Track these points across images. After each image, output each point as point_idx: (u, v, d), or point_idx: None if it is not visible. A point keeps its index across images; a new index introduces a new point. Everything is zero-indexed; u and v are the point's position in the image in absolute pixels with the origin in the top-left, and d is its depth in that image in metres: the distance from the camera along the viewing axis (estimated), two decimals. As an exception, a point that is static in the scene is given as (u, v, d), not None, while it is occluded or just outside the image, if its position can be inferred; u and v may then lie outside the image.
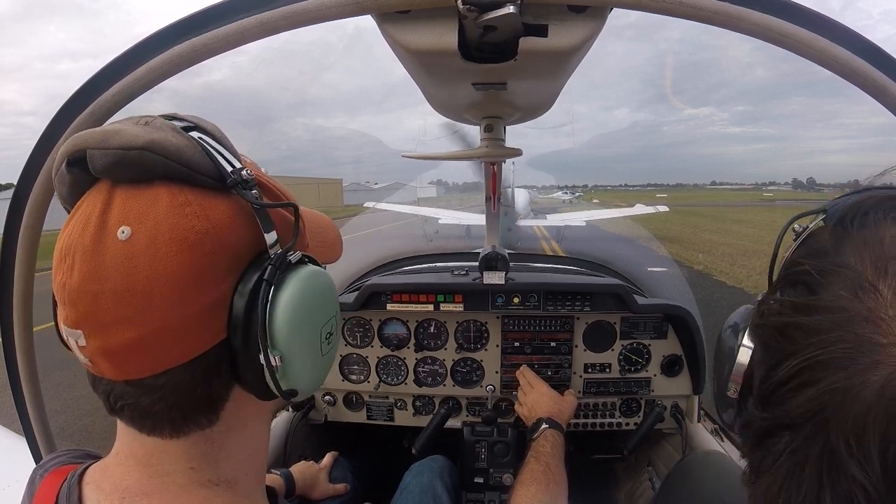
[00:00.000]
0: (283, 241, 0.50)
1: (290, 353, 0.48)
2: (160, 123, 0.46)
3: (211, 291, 0.45)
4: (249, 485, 0.56)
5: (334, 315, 0.55)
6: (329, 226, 0.69)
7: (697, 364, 1.66)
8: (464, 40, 0.54)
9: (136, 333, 0.42)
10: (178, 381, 0.46)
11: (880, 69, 0.48)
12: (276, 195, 0.53)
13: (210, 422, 0.50)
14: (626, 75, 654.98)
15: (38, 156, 0.64)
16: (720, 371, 0.54)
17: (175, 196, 0.43)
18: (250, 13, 0.52)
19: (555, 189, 59.11)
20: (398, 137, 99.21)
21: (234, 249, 0.46)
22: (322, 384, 0.59)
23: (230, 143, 0.51)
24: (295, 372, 0.49)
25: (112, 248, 0.42)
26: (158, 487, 0.50)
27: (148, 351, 0.44)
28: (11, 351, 0.80)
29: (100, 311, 0.42)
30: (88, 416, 4.38)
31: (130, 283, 0.42)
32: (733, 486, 1.18)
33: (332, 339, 0.55)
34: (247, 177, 0.46)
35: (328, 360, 0.55)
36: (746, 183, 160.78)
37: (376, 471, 1.72)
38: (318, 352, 0.52)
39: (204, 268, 0.44)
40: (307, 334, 0.50)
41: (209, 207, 0.45)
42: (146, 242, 0.42)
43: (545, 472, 1.17)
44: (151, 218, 0.42)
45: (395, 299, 1.67)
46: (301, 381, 0.50)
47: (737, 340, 0.50)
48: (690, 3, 0.48)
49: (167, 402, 0.46)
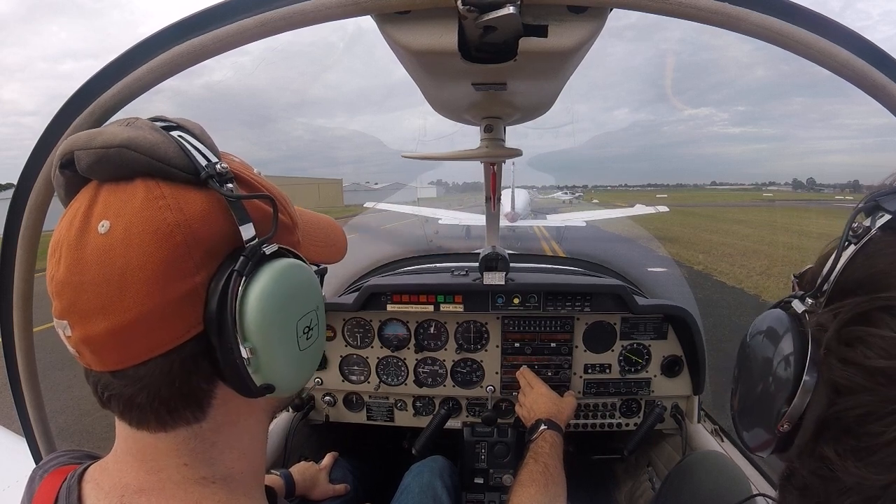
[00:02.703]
0: (265, 235, 0.50)
1: (263, 346, 0.47)
2: (141, 124, 0.47)
3: (183, 282, 0.45)
4: (247, 483, 0.56)
5: (314, 309, 0.54)
6: (330, 226, 0.69)
7: (697, 365, 1.65)
8: (464, 41, 0.54)
9: (113, 323, 0.44)
10: (157, 372, 0.46)
11: (880, 69, 0.48)
12: (258, 190, 0.52)
13: (197, 418, 0.50)
14: (626, 75, 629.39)
15: (37, 156, 0.64)
16: (760, 394, 0.50)
17: (151, 190, 0.45)
18: (250, 14, 0.52)
19: (555, 189, 59.13)
20: (398, 137, 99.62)
21: (209, 242, 0.46)
22: (305, 382, 0.57)
23: (211, 141, 0.51)
24: (270, 367, 0.48)
25: (93, 242, 0.44)
26: (155, 484, 0.51)
27: (125, 341, 0.45)
28: (11, 351, 0.80)
29: (81, 301, 0.44)
30: (88, 416, 4.38)
31: (107, 273, 0.43)
32: (733, 486, 1.18)
33: (312, 335, 0.53)
34: (221, 170, 0.47)
35: (310, 357, 0.54)
36: (746, 183, 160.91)
37: (376, 471, 1.72)
38: (294, 347, 0.51)
39: (175, 259, 0.45)
40: (280, 328, 0.49)
41: (183, 201, 0.46)
42: (122, 235, 0.44)
43: (544, 472, 1.17)
44: (128, 211, 0.44)
45: (395, 300, 1.67)
46: (277, 377, 0.49)
47: (790, 368, 0.46)
48: (690, 3, 0.48)
49: (149, 394, 0.47)
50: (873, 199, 0.46)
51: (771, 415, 0.48)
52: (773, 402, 0.48)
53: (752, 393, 0.53)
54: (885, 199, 0.44)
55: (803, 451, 0.47)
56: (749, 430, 0.53)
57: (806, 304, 0.49)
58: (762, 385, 0.51)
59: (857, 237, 0.45)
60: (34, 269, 0.74)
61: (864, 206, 0.47)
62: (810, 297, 0.49)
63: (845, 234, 0.46)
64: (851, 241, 0.45)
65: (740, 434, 0.56)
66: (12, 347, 0.79)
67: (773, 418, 0.48)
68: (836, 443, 0.43)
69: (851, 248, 0.45)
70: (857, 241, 0.45)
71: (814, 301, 0.48)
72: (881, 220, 0.44)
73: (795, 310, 0.50)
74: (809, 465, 0.46)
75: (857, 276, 0.44)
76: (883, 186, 0.48)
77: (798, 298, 0.51)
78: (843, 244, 0.46)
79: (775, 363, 0.49)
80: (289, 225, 0.56)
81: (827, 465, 0.43)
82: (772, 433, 0.48)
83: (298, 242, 0.58)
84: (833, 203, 52.10)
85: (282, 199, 0.55)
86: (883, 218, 0.44)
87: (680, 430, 1.69)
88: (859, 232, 0.45)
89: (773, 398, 0.48)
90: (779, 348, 0.49)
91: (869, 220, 0.45)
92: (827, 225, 21.77)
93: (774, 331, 0.51)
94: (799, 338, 0.47)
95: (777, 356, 0.49)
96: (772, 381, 0.49)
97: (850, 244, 0.45)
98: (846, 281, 0.45)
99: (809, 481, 0.46)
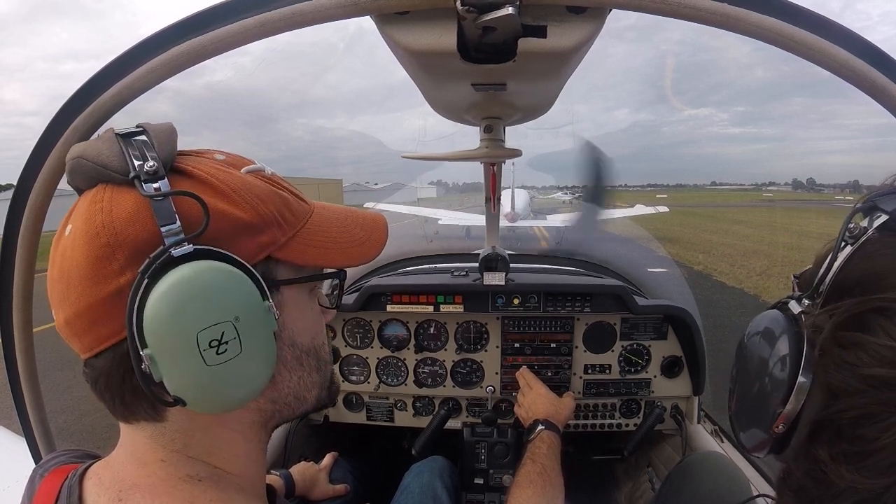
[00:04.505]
0: (215, 234, 0.47)
1: (160, 355, 0.45)
2: (106, 135, 0.50)
3: (109, 282, 0.46)
4: (242, 482, 0.56)
5: (229, 320, 0.46)
6: (359, 224, 0.63)
7: (697, 365, 1.65)
8: (463, 41, 0.54)
9: (65, 314, 0.49)
10: (106, 365, 0.49)
11: (880, 70, 0.48)
12: (221, 191, 0.49)
13: (154, 418, 0.51)
14: (626, 76, 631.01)
15: (37, 156, 0.64)
16: (756, 394, 0.50)
17: (96, 194, 0.48)
18: (250, 14, 0.52)
19: (555, 189, 59.12)
20: (398, 138, 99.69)
21: (133, 243, 0.46)
22: (234, 402, 0.50)
23: (169, 142, 0.50)
24: (172, 378, 0.46)
25: (61, 243, 0.49)
26: (145, 480, 0.51)
27: (76, 332, 0.49)
28: (11, 351, 0.80)
29: (53, 294, 0.50)
30: (88, 416, 4.38)
31: (61, 271, 0.48)
32: (733, 487, 1.18)
33: (225, 350, 0.46)
34: (149, 169, 0.46)
35: (226, 375, 0.47)
36: (746, 183, 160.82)
37: (376, 471, 1.71)
38: (197, 360, 0.45)
39: (100, 259, 0.46)
40: (176, 337, 0.45)
41: (115, 202, 0.47)
42: (72, 236, 0.48)
43: (541, 473, 1.17)
44: (79, 215, 0.48)
45: (395, 300, 1.66)
46: (183, 391, 0.46)
47: (786, 369, 0.46)
48: (690, 3, 0.48)
49: (105, 384, 0.50)
50: (870, 200, 0.46)
51: (767, 416, 0.48)
52: (769, 402, 0.48)
53: (748, 393, 0.53)
54: (882, 200, 0.44)
55: (798, 452, 0.47)
56: (746, 430, 0.54)
57: (802, 304, 0.49)
58: (758, 386, 0.51)
59: (854, 238, 0.45)
60: (34, 269, 0.74)
61: (861, 206, 0.47)
62: (807, 298, 0.49)
63: (841, 235, 0.46)
64: (848, 241, 0.45)
65: (737, 434, 0.56)
66: (12, 347, 0.79)
67: (769, 419, 0.48)
68: (829, 445, 0.43)
69: (848, 248, 0.45)
70: (854, 241, 0.45)
71: (810, 302, 0.48)
72: (878, 221, 0.44)
73: (792, 311, 0.50)
74: (804, 466, 0.46)
75: (853, 277, 0.44)
76: (881, 187, 0.48)
77: (795, 299, 0.51)
78: (839, 245, 0.46)
79: (771, 364, 0.49)
80: (257, 224, 0.51)
81: (821, 468, 0.43)
82: (767, 434, 0.48)
83: (284, 244, 0.53)
84: (833, 203, 52.09)
85: (248, 196, 0.51)
86: (880, 218, 0.44)
87: (680, 430, 1.69)
88: (856, 233, 0.45)
89: (769, 399, 0.48)
90: (775, 349, 0.49)
91: (866, 221, 0.45)
92: (827, 225, 21.76)
93: (771, 331, 0.51)
94: (795, 339, 0.47)
95: (773, 357, 0.49)
96: (768, 381, 0.49)
97: (847, 245, 0.45)
98: (842, 282, 0.45)
99: (804, 483, 0.46)
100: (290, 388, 0.58)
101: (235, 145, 24.14)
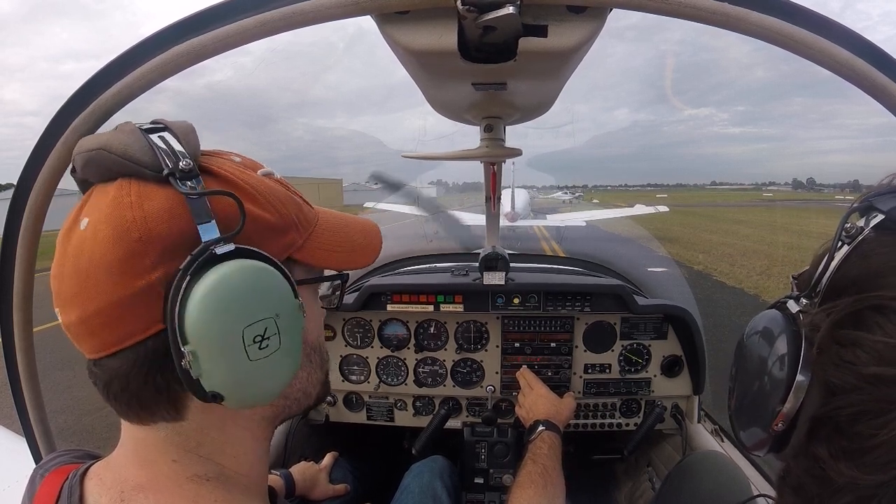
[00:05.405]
0: (246, 234, 0.48)
1: (203, 351, 0.45)
2: (126, 127, 0.49)
3: (139, 279, 0.45)
4: (247, 482, 0.56)
5: (271, 317, 0.48)
6: (357, 230, 0.65)
7: (697, 365, 1.65)
8: (463, 41, 0.54)
9: (81, 312, 0.47)
10: (126, 365, 0.48)
11: (880, 69, 0.48)
12: (243, 190, 0.50)
13: (174, 417, 0.51)
14: (626, 76, 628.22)
15: (37, 156, 0.64)
16: (755, 393, 0.50)
17: (122, 188, 0.47)
18: (250, 14, 0.52)
19: (555, 189, 59.11)
20: (398, 138, 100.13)
21: (167, 239, 0.46)
22: (268, 396, 0.52)
23: (194, 141, 0.51)
24: (213, 374, 0.46)
25: (74, 237, 0.47)
26: (150, 480, 0.51)
27: (93, 330, 0.47)
28: (11, 351, 0.80)
29: (62, 291, 0.48)
30: (89, 416, 4.38)
31: (78, 265, 0.46)
32: (733, 486, 1.18)
33: (268, 345, 0.48)
34: (185, 167, 0.47)
35: (266, 369, 0.49)
36: (746, 183, 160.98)
37: (376, 471, 1.72)
38: (241, 355, 0.47)
39: (131, 255, 0.45)
40: (222, 333, 0.46)
41: (146, 198, 0.46)
42: (91, 231, 0.46)
43: (542, 474, 1.17)
44: (100, 209, 0.47)
45: (395, 300, 1.67)
46: (223, 386, 0.47)
47: (784, 368, 0.46)
48: (690, 3, 0.48)
49: (122, 386, 0.48)
50: (867, 200, 0.46)
51: (766, 414, 0.49)
52: (768, 401, 0.48)
53: (747, 392, 0.54)
54: (879, 200, 0.45)
55: (798, 450, 0.48)
56: (745, 429, 0.54)
57: (800, 304, 0.49)
58: (758, 385, 0.51)
59: (851, 237, 0.45)
60: (34, 269, 0.74)
61: (858, 206, 0.47)
62: (805, 298, 0.49)
63: (838, 234, 0.46)
64: (845, 241, 0.45)
65: (737, 433, 0.57)
66: (12, 347, 0.79)
67: (768, 418, 0.48)
68: (828, 443, 0.43)
69: (845, 248, 0.45)
70: (851, 241, 0.45)
71: (808, 301, 0.49)
72: (874, 220, 0.44)
73: (790, 310, 0.50)
74: (803, 464, 0.47)
75: (850, 276, 0.44)
76: (877, 187, 0.48)
77: (793, 299, 0.51)
78: (836, 244, 0.46)
79: (770, 363, 0.50)
80: (281, 226, 0.53)
81: (820, 465, 0.44)
82: (767, 432, 0.49)
83: (301, 246, 0.56)
84: (833, 203, 52.12)
85: (272, 199, 0.53)
86: (877, 218, 0.44)
87: (680, 430, 1.69)
88: (853, 232, 0.45)
89: (768, 398, 0.49)
90: (773, 348, 0.49)
91: (862, 221, 0.46)
92: (827, 225, 21.77)
93: (770, 331, 0.51)
94: (793, 338, 0.47)
95: (772, 356, 0.50)
96: (767, 380, 0.50)
97: (844, 245, 0.45)
98: (839, 281, 0.45)
99: (804, 480, 0.47)
100: (300, 383, 0.59)
101: (236, 145, 24.39)
